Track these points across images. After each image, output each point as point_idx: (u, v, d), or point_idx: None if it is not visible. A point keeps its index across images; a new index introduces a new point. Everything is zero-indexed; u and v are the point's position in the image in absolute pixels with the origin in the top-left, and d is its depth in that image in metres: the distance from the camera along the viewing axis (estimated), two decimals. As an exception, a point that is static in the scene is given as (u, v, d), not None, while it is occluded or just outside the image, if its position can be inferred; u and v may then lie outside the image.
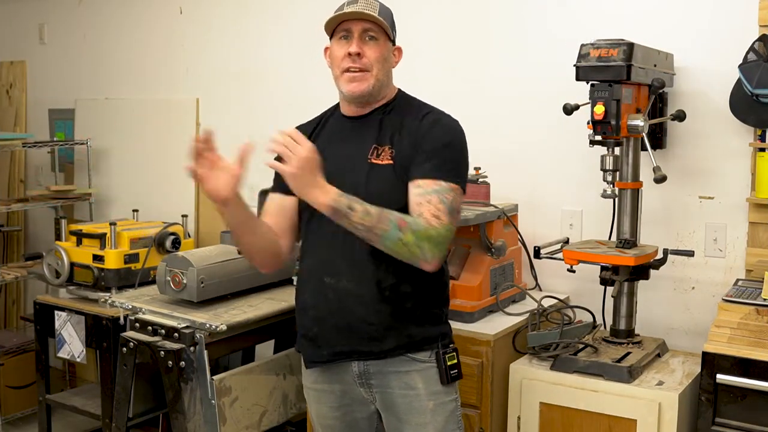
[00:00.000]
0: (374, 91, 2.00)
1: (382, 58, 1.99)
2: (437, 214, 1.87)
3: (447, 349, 2.02)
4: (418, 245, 1.84)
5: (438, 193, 1.89)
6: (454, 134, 2.00)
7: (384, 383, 2.00)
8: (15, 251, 4.84)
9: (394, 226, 1.83)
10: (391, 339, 1.97)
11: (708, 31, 2.70)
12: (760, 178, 2.58)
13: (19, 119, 4.86)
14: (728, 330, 2.28)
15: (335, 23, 2.02)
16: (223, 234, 3.15)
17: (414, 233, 1.84)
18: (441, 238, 1.87)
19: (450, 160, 1.95)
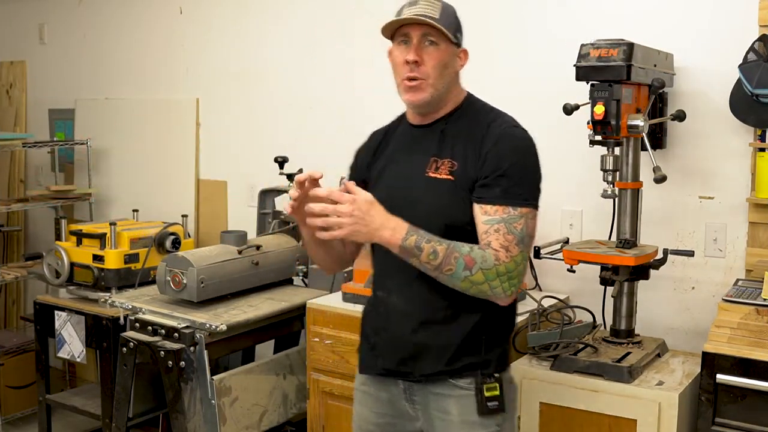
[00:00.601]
0: (433, 100, 1.89)
1: (441, 65, 1.87)
2: (507, 246, 1.76)
3: (488, 380, 1.87)
4: (489, 283, 1.76)
5: (506, 223, 1.77)
6: (524, 150, 1.84)
7: (425, 402, 1.93)
8: (15, 251, 4.84)
9: (462, 266, 1.74)
10: (432, 362, 1.89)
11: (708, 31, 2.70)
12: (760, 178, 2.58)
13: (19, 119, 4.86)
14: (728, 330, 2.28)
15: (393, 28, 1.93)
16: (223, 234, 3.15)
17: (484, 272, 1.75)
18: (513, 272, 1.77)
19: (519, 183, 1.80)
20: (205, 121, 4.06)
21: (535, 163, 1.85)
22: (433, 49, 1.87)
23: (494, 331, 1.91)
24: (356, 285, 2.76)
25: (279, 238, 3.29)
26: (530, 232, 1.81)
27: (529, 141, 1.86)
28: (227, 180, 4.00)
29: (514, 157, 1.81)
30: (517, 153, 1.82)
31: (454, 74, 1.93)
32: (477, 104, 1.97)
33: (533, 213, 1.82)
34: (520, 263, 1.78)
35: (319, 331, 2.75)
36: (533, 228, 1.82)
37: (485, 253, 1.76)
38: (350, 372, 2.68)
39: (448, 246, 1.75)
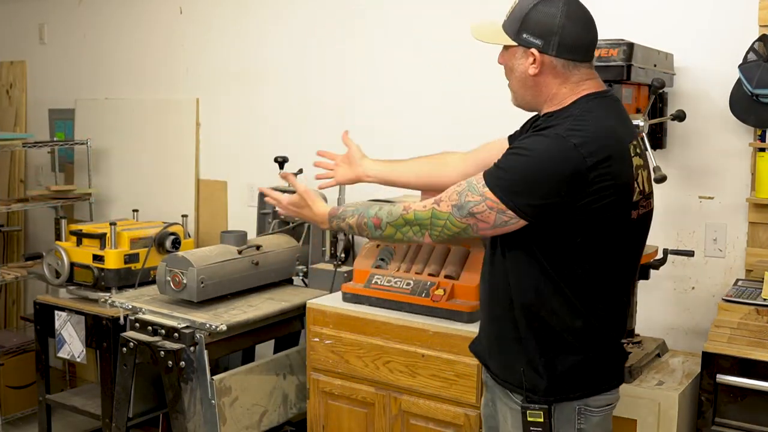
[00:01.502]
0: (518, 104, 1.89)
1: (507, 68, 1.86)
2: (440, 199, 1.77)
3: (531, 406, 1.78)
4: (400, 232, 1.83)
5: (468, 186, 1.73)
6: (536, 150, 1.68)
7: (494, 399, 1.95)
8: (15, 251, 4.84)
9: (372, 227, 1.87)
10: (493, 359, 1.92)
11: (708, 31, 2.70)
12: (760, 178, 2.58)
13: (19, 119, 4.86)
14: (728, 330, 2.28)
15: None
16: (223, 234, 3.14)
17: (391, 225, 1.83)
18: (425, 221, 1.78)
19: (505, 169, 1.70)
20: (205, 121, 4.06)
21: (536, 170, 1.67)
22: (503, 52, 1.88)
23: (558, 357, 1.78)
24: (356, 285, 2.76)
25: (279, 238, 3.29)
26: (477, 214, 1.70)
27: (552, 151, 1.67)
28: (227, 180, 4.00)
29: (522, 148, 1.71)
30: (528, 147, 1.70)
31: (527, 77, 1.81)
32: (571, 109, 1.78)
33: (498, 208, 1.68)
34: (442, 219, 1.75)
35: (319, 331, 2.75)
36: (488, 218, 1.70)
37: (392, 208, 1.85)
38: (350, 372, 2.68)
39: (358, 216, 1.90)
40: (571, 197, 1.66)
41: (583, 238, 1.72)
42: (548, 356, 1.78)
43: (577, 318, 1.77)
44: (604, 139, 1.70)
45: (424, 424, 2.54)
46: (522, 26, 1.79)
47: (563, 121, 1.73)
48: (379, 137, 3.48)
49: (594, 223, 1.70)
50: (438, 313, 2.54)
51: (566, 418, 1.79)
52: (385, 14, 3.45)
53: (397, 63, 3.42)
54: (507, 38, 1.82)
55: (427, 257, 2.67)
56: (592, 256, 1.74)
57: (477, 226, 1.73)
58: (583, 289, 1.76)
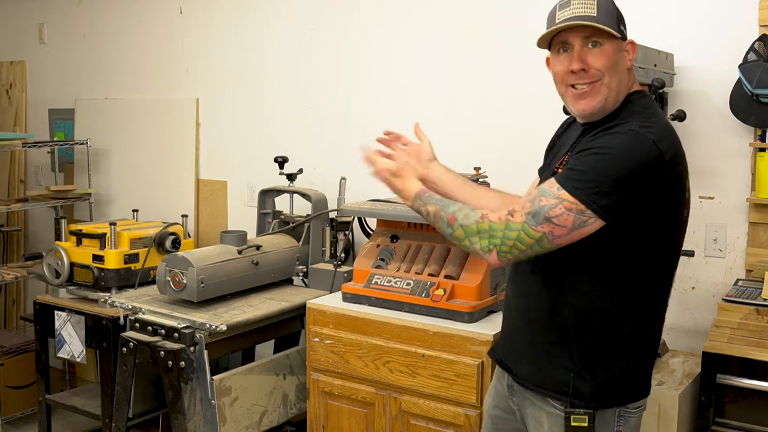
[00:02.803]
0: (607, 104, 1.73)
1: (612, 64, 1.71)
2: (514, 210, 1.67)
3: (576, 410, 1.75)
4: (469, 239, 1.71)
5: (540, 193, 1.65)
6: (615, 147, 1.62)
7: (523, 404, 1.90)
8: (15, 251, 4.84)
9: (445, 223, 1.75)
10: (526, 366, 1.85)
11: (708, 31, 2.70)
12: (760, 178, 2.58)
13: (19, 119, 4.86)
14: (728, 330, 2.28)
15: (549, 38, 1.76)
16: (223, 234, 3.14)
17: (464, 228, 1.72)
18: (497, 232, 1.67)
19: (583, 170, 1.63)
20: (205, 121, 4.06)
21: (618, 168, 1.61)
22: (598, 51, 1.71)
23: (604, 361, 1.75)
24: (356, 285, 2.76)
25: (279, 238, 3.29)
26: (553, 218, 1.63)
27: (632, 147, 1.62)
28: (227, 180, 4.00)
29: (601, 147, 1.64)
30: (607, 145, 1.64)
31: (625, 72, 1.75)
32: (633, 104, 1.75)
33: (577, 208, 1.61)
34: (515, 230, 1.65)
35: (319, 331, 2.75)
36: (565, 221, 1.62)
37: (470, 212, 1.73)
38: (350, 372, 2.68)
39: (440, 205, 1.78)
40: (649, 194, 1.64)
41: (642, 239, 1.69)
42: (594, 361, 1.76)
43: (626, 323, 1.75)
44: (673, 137, 1.69)
45: (424, 424, 2.54)
46: (618, 17, 1.74)
47: (630, 117, 1.69)
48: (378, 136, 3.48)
49: (657, 221, 1.68)
50: (438, 313, 2.55)
51: (606, 421, 1.78)
52: (385, 14, 3.45)
53: (397, 63, 3.42)
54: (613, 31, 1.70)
55: (427, 257, 2.67)
56: (645, 258, 1.72)
57: (552, 233, 1.64)
58: (634, 293, 1.74)
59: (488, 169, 2.94)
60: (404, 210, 2.68)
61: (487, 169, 2.94)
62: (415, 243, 2.74)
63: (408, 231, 2.78)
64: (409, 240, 2.76)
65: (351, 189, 3.33)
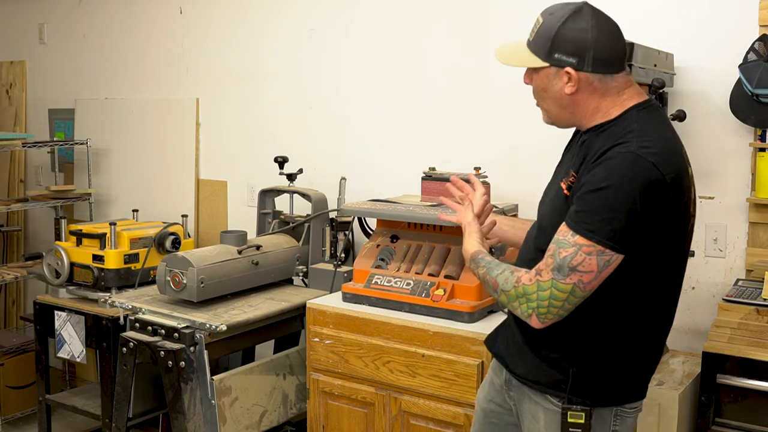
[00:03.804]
0: (555, 123, 1.85)
1: (538, 89, 1.82)
2: (541, 270, 1.70)
3: (572, 407, 1.78)
4: (511, 305, 1.76)
5: (557, 245, 1.68)
6: (614, 177, 1.63)
7: (520, 399, 1.92)
8: (15, 251, 4.84)
9: (491, 288, 1.82)
10: (523, 364, 1.88)
11: (708, 31, 2.70)
12: (760, 178, 2.58)
13: (19, 119, 4.86)
14: (728, 330, 2.28)
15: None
16: (223, 234, 3.14)
17: (505, 293, 1.76)
18: (532, 295, 1.70)
19: (589, 210, 1.65)
20: (205, 121, 4.06)
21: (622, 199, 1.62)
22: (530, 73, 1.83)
23: (600, 360, 1.78)
24: (356, 285, 2.76)
25: (279, 238, 3.29)
26: (578, 266, 1.64)
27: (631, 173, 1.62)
28: (227, 180, 4.00)
29: (601, 182, 1.64)
30: (606, 179, 1.64)
31: (564, 96, 1.77)
32: (628, 121, 1.74)
33: (597, 250, 1.63)
34: (546, 289, 1.68)
35: (319, 331, 2.75)
36: (590, 266, 1.64)
37: (508, 276, 1.76)
38: (350, 372, 2.68)
39: (487, 270, 1.84)
40: (653, 215, 1.65)
41: (648, 253, 1.70)
42: (594, 361, 1.78)
43: (628, 326, 1.77)
44: (673, 154, 1.69)
45: (424, 424, 2.54)
46: (553, 45, 1.74)
47: (626, 136, 1.69)
48: (380, 136, 3.48)
49: (662, 237, 1.69)
50: (438, 313, 2.55)
51: (603, 419, 1.80)
52: (385, 14, 3.45)
53: (397, 63, 3.42)
54: (536, 59, 1.77)
55: (427, 257, 2.67)
56: (652, 266, 1.73)
57: (582, 281, 1.65)
58: (641, 299, 1.76)
59: (488, 169, 2.94)
60: (404, 210, 2.68)
61: (487, 169, 2.94)
62: (415, 243, 2.74)
63: (408, 231, 2.78)
64: (409, 240, 2.76)
65: (351, 189, 3.33)
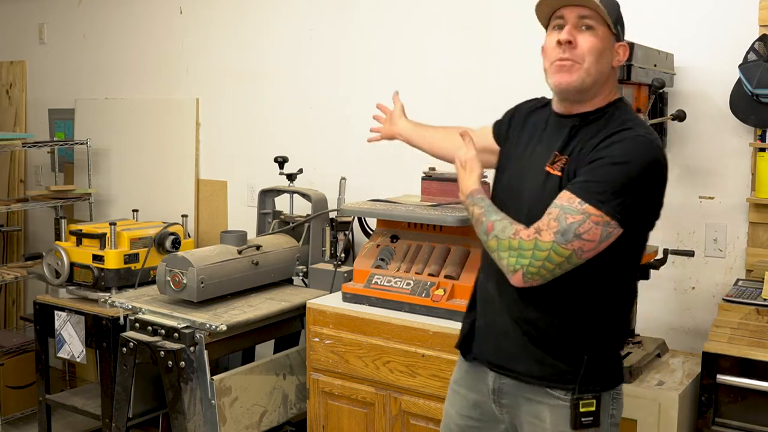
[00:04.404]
0: (584, 86, 1.76)
1: (596, 50, 1.74)
2: (541, 228, 1.68)
3: (584, 396, 1.78)
4: (498, 253, 1.74)
5: (563, 210, 1.67)
6: (632, 155, 1.67)
7: (515, 404, 1.88)
8: (15, 251, 4.84)
9: (483, 230, 1.79)
10: (524, 362, 1.83)
11: (708, 31, 2.70)
12: (760, 178, 2.58)
13: (19, 119, 4.86)
14: (728, 330, 2.28)
15: (548, 11, 1.81)
16: (223, 234, 3.14)
17: (498, 240, 1.74)
18: (526, 251, 1.69)
19: (604, 182, 1.66)
20: (205, 121, 4.06)
21: (637, 175, 1.67)
22: (589, 34, 1.76)
23: (599, 346, 1.81)
24: (356, 285, 2.76)
25: (279, 238, 3.29)
26: (583, 234, 1.66)
27: (645, 152, 1.69)
28: (227, 180, 4.00)
29: (617, 157, 1.68)
30: (623, 155, 1.68)
31: (608, 68, 1.80)
32: (622, 110, 1.81)
33: (604, 221, 1.65)
34: (545, 250, 1.67)
35: (319, 331, 2.75)
36: (594, 235, 1.66)
37: (507, 225, 1.75)
38: (350, 372, 2.68)
39: (485, 210, 1.83)
40: (659, 197, 1.75)
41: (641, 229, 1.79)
42: (597, 347, 1.81)
43: (620, 310, 1.86)
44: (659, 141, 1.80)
45: (424, 424, 2.54)
46: (618, 17, 1.81)
47: (627, 123, 1.75)
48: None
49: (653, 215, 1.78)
50: (438, 313, 2.54)
51: (605, 405, 1.82)
52: (385, 14, 3.45)
53: (397, 63, 3.42)
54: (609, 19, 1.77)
55: (427, 257, 2.67)
56: (638, 251, 1.84)
57: (582, 249, 1.68)
58: (626, 282, 1.85)
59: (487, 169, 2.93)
60: (404, 210, 2.68)
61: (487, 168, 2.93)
62: (415, 243, 2.73)
63: (408, 231, 2.78)
64: (409, 240, 2.75)
65: (351, 189, 3.33)
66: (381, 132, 2.57)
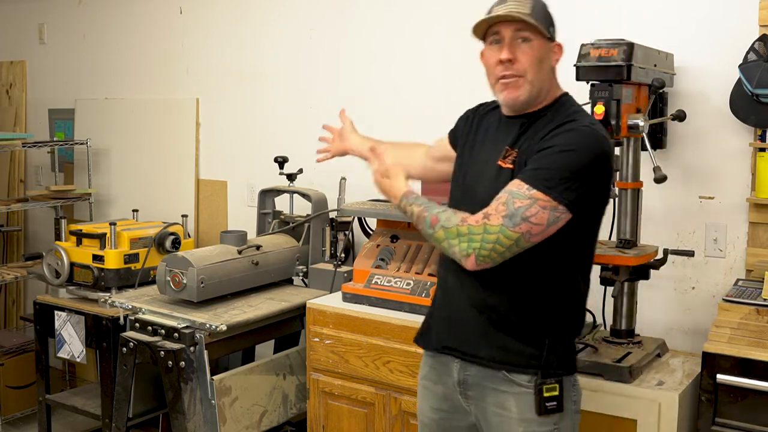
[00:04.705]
0: (531, 97, 1.86)
1: (536, 61, 1.84)
2: (490, 213, 1.74)
3: (547, 380, 1.83)
4: (448, 241, 1.78)
5: (511, 195, 1.74)
6: (578, 144, 1.76)
7: (480, 396, 1.92)
8: (15, 251, 4.84)
9: (428, 224, 1.83)
10: (486, 347, 1.88)
11: (708, 31, 2.70)
12: (760, 178, 2.58)
13: (19, 119, 4.86)
14: (728, 330, 2.28)
15: (484, 27, 1.90)
16: (223, 234, 3.14)
17: (445, 230, 1.79)
18: (476, 236, 1.74)
19: (551, 168, 1.74)
20: (205, 121, 4.06)
21: (583, 163, 1.76)
22: (526, 46, 1.85)
23: (559, 331, 1.88)
24: (356, 285, 2.76)
25: (279, 238, 3.29)
26: (530, 218, 1.72)
27: (593, 142, 1.78)
28: (227, 180, 4.00)
29: (564, 146, 1.76)
30: (570, 144, 1.76)
31: (549, 71, 1.90)
32: (567, 104, 1.91)
33: (551, 206, 1.73)
34: (493, 233, 1.73)
35: (319, 331, 2.75)
36: (541, 219, 1.72)
37: (451, 215, 1.81)
38: (350, 372, 2.68)
39: (424, 206, 1.86)
40: (606, 186, 1.85)
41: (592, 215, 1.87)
42: (557, 332, 1.88)
43: (576, 297, 1.93)
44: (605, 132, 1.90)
45: (424, 424, 2.54)
46: (549, 20, 1.89)
47: (574, 116, 1.84)
48: (380, 136, 3.47)
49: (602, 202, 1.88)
50: (438, 313, 2.54)
51: (566, 391, 1.88)
52: (385, 14, 3.45)
53: (397, 63, 3.42)
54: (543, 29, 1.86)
55: (427, 257, 2.67)
56: (589, 238, 1.91)
57: (530, 233, 1.73)
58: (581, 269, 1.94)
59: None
60: (404, 210, 2.68)
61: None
62: (415, 243, 2.74)
63: (408, 231, 2.78)
64: (409, 240, 2.76)
65: (351, 189, 3.32)
66: (330, 150, 2.51)
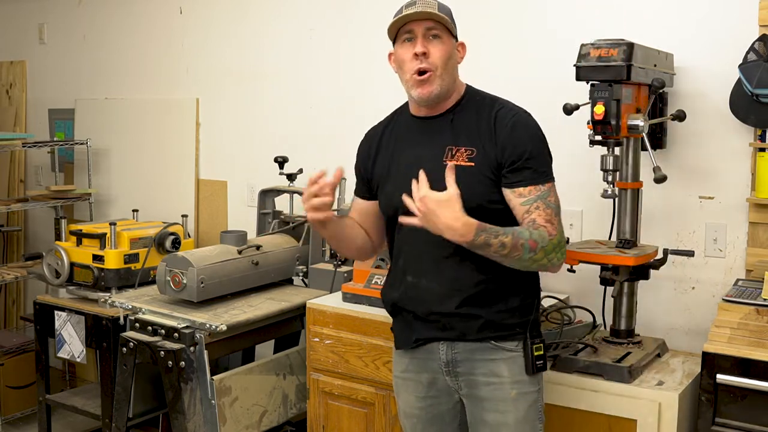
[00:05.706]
0: (442, 91, 2.01)
1: (446, 55, 2.00)
2: (549, 219, 1.94)
3: (534, 340, 2.02)
4: (548, 257, 1.92)
5: (542, 199, 1.95)
6: (535, 132, 2.02)
7: (470, 370, 2.02)
8: (15, 251, 4.84)
9: (527, 250, 1.89)
10: (473, 328, 1.99)
11: (708, 31, 2.70)
12: (760, 178, 2.58)
13: (19, 119, 4.86)
14: (728, 330, 2.28)
15: (398, 26, 2.04)
16: (223, 234, 3.15)
17: (544, 250, 1.91)
18: (562, 242, 1.96)
19: (542, 163, 1.99)
20: (205, 121, 4.06)
21: (545, 141, 2.03)
22: (437, 42, 1.99)
23: (531, 294, 2.07)
24: (356, 285, 2.76)
25: (279, 238, 3.29)
26: (558, 201, 1.99)
27: (535, 122, 2.03)
28: (227, 180, 4.00)
29: (533, 141, 1.99)
30: (534, 138, 2.00)
31: (455, 66, 2.05)
32: (478, 95, 2.09)
33: (554, 184, 2.00)
34: (562, 231, 1.97)
35: (319, 331, 2.75)
36: (557, 197, 2.00)
37: (541, 233, 1.91)
38: (350, 372, 2.68)
39: (513, 236, 1.88)
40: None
41: None
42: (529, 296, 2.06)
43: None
44: None
45: (424, 424, 2.54)
46: (454, 21, 2.05)
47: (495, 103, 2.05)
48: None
49: None
50: (438, 313, 2.54)
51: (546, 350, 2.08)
52: (385, 14, 3.44)
53: (397, 63, 3.41)
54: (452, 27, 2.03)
55: (427, 257, 2.67)
56: None
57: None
58: None
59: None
60: (404, 210, 2.68)
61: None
62: (415, 243, 2.73)
63: (408, 231, 2.77)
64: (409, 240, 2.75)
65: (351, 189, 3.32)
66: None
